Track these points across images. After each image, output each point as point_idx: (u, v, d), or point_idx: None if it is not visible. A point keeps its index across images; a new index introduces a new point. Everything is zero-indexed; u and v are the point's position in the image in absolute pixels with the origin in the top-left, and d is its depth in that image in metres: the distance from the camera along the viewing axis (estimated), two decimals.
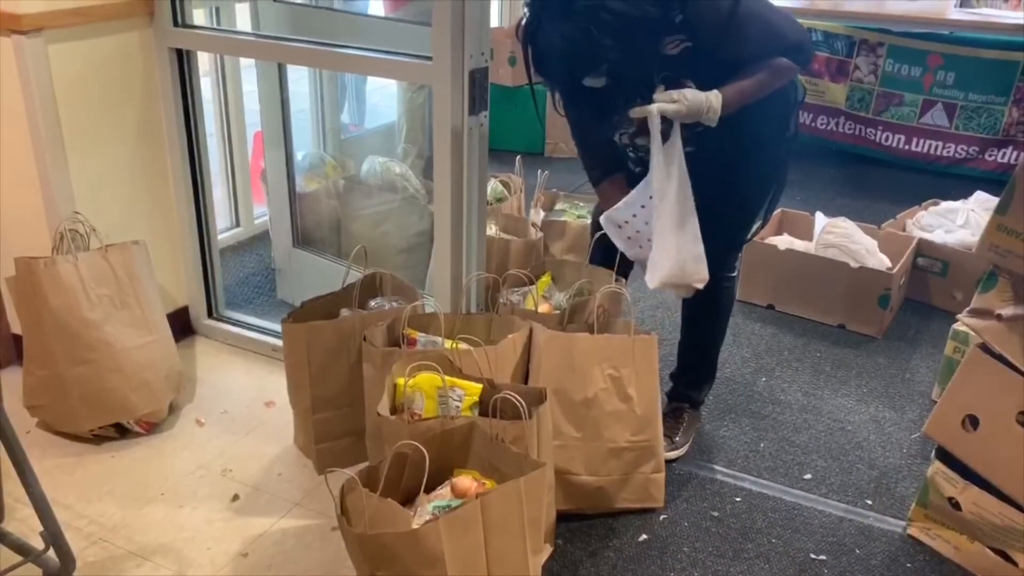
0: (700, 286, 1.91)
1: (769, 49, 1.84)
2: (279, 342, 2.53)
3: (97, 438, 2.14)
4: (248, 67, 3.30)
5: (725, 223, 2.10)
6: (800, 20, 2.01)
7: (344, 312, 2.08)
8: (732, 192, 2.03)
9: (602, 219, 2.02)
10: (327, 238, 2.84)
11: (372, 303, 2.12)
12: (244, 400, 2.35)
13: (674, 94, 1.79)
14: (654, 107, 1.78)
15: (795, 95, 2.02)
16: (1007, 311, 1.77)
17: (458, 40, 1.92)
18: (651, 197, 1.88)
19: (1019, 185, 1.65)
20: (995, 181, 4.08)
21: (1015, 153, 4.27)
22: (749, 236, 2.16)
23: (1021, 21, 3.92)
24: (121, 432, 2.16)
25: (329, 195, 2.83)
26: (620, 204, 1.95)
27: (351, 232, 2.78)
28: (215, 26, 2.89)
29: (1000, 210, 1.68)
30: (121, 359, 2.10)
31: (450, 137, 1.99)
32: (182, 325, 2.58)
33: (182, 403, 2.31)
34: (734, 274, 2.21)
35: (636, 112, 1.81)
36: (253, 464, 2.10)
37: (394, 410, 1.73)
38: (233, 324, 2.63)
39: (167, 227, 2.48)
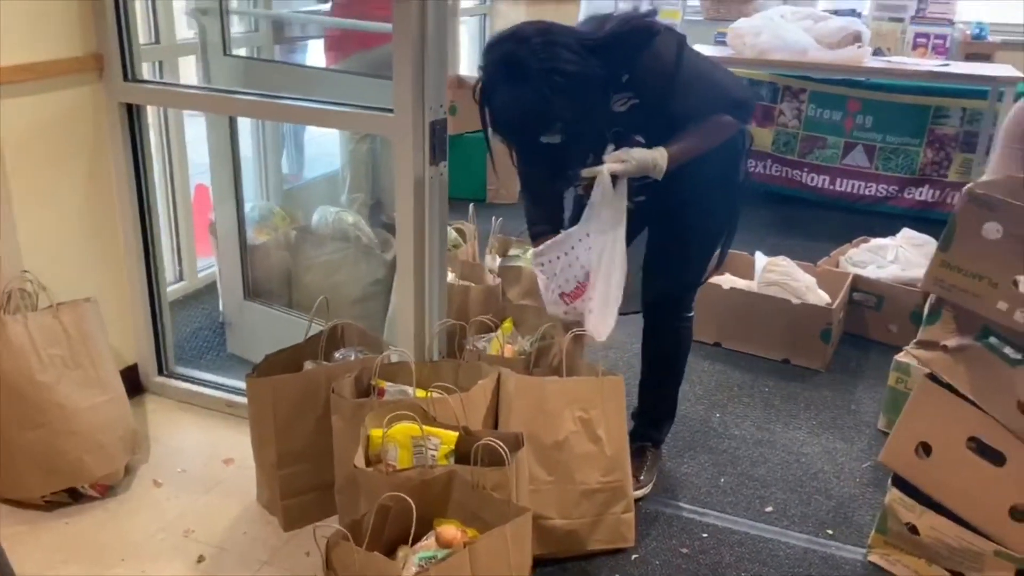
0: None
1: (712, 105, 1.93)
2: (234, 397, 2.49)
3: (49, 504, 2.05)
4: (191, 117, 3.28)
5: (681, 266, 2.18)
6: (729, 69, 2.12)
7: (308, 365, 2.06)
8: (687, 236, 2.11)
9: (531, 255, 2.07)
10: (278, 290, 2.81)
11: (337, 354, 2.11)
12: (201, 458, 2.29)
13: (622, 154, 1.88)
14: (604, 168, 1.88)
15: (743, 142, 2.11)
16: (952, 342, 1.87)
17: (418, 93, 1.95)
18: (580, 241, 1.96)
19: (960, 223, 1.75)
20: (915, 218, 4.31)
21: (932, 191, 4.52)
22: (705, 278, 2.23)
23: (931, 68, 4.18)
24: (74, 497, 2.08)
25: (280, 246, 2.81)
26: (550, 242, 2.02)
27: (304, 283, 2.76)
28: (158, 79, 2.86)
29: (943, 247, 1.79)
30: (74, 421, 2.03)
31: (412, 187, 2.01)
32: (131, 383, 2.50)
33: (137, 464, 2.24)
34: (691, 314, 2.27)
35: (587, 172, 1.88)
36: (216, 524, 2.05)
37: (368, 462, 1.72)
38: (184, 380, 2.57)
39: (116, 283, 2.42)
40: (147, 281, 2.46)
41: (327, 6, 3.65)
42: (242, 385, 2.50)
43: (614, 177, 1.88)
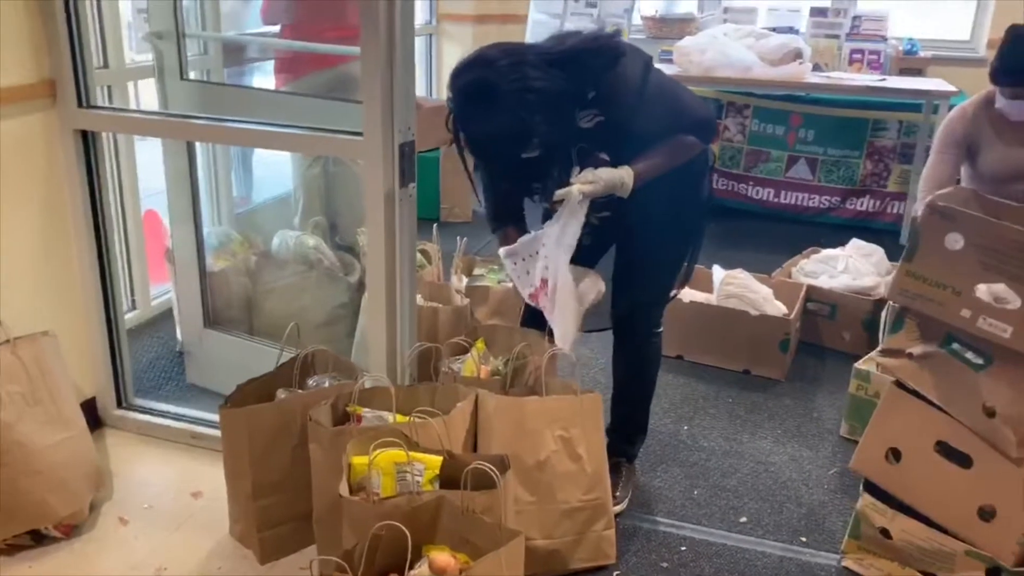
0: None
1: (676, 125, 1.98)
2: (197, 428, 2.44)
3: (10, 548, 1.97)
4: (142, 140, 3.21)
5: (649, 282, 2.21)
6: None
7: (281, 393, 2.03)
8: (653, 253, 2.15)
9: (501, 252, 2.12)
10: (239, 317, 2.76)
11: (310, 382, 2.07)
12: (168, 493, 2.23)
13: (589, 175, 1.91)
14: (574, 188, 1.90)
15: (706, 161, 2.15)
16: (917, 350, 1.93)
17: (387, 116, 1.95)
18: (543, 246, 2.01)
19: (923, 235, 1.82)
20: (857, 227, 4.45)
21: (872, 202, 4.67)
22: (672, 293, 2.26)
23: (869, 83, 4.33)
24: (37, 539, 2.00)
25: (239, 272, 2.76)
26: (519, 243, 2.07)
27: (266, 309, 2.72)
28: (109, 104, 2.79)
29: (907, 258, 1.85)
30: (36, 460, 1.96)
31: (382, 210, 2.00)
32: (90, 417, 2.41)
33: (101, 502, 2.16)
34: (660, 329, 2.30)
35: (559, 195, 1.91)
36: (189, 560, 1.99)
37: (350, 491, 1.69)
38: (145, 413, 2.50)
39: (72, 315, 2.35)
40: (104, 311, 2.39)
41: (276, 28, 3.60)
42: (206, 415, 2.46)
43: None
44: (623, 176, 1.91)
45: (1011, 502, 1.79)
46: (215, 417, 2.41)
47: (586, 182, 1.90)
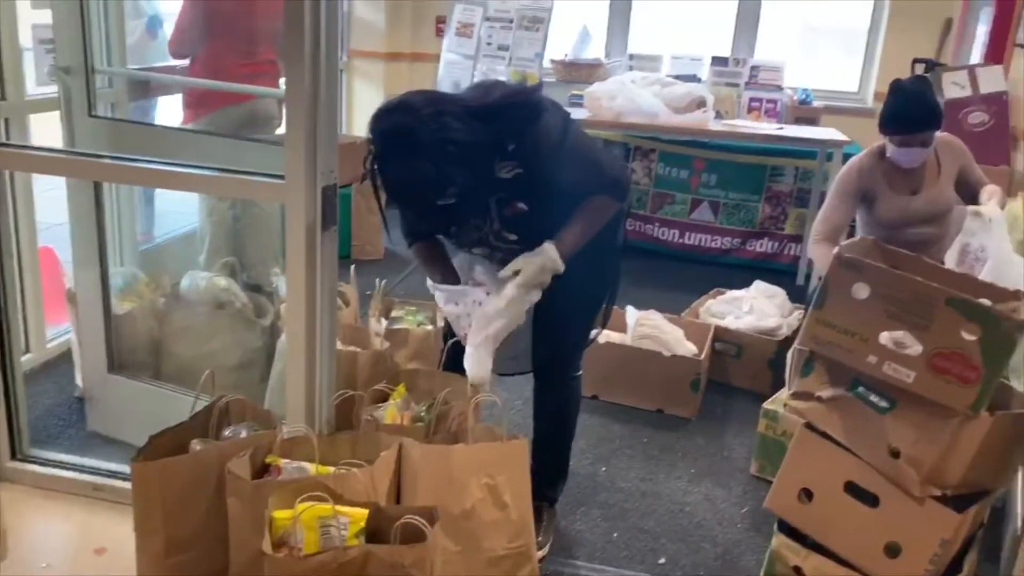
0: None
1: (592, 181, 2.03)
2: (100, 480, 2.32)
3: None
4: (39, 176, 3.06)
5: (569, 328, 2.25)
6: (585, 130, 2.25)
7: (195, 444, 1.95)
8: (572, 300, 2.18)
9: (429, 285, 2.13)
10: (145, 361, 2.65)
11: (226, 432, 2.00)
12: (68, 550, 2.11)
13: (520, 263, 1.97)
14: (510, 288, 1.97)
15: (621, 208, 2.21)
16: (826, 393, 2.01)
17: (311, 159, 1.92)
18: (473, 303, 2.03)
19: (831, 284, 1.91)
20: (757, 268, 4.64)
21: (771, 243, 4.87)
22: (592, 338, 2.30)
23: (767, 131, 4.54)
24: None
25: (146, 315, 2.65)
26: (451, 289, 2.08)
27: (174, 353, 2.62)
28: (8, 141, 2.66)
29: (818, 305, 1.93)
30: None
31: (304, 253, 1.97)
32: None
33: None
34: (579, 372, 2.33)
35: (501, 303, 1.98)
36: None
37: (271, 546, 1.64)
38: (42, 464, 2.36)
39: None
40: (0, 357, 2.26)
41: (185, 63, 3.52)
42: (109, 466, 2.35)
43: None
44: (553, 258, 1.98)
45: (915, 539, 1.87)
46: (119, 467, 2.32)
47: (518, 274, 1.97)
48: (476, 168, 1.87)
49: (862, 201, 2.88)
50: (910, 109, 2.71)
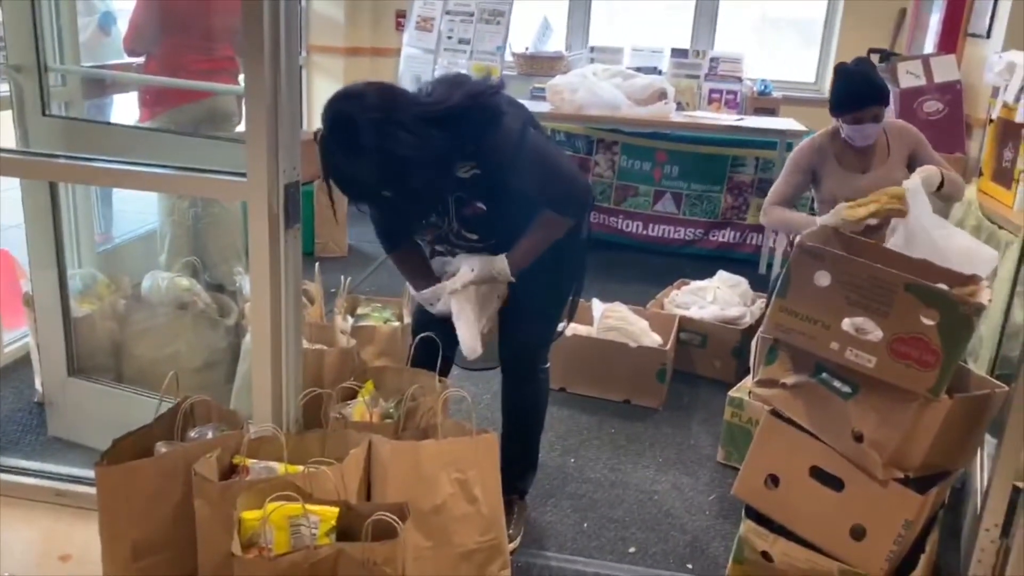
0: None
1: (543, 193, 2.03)
2: (62, 485, 2.28)
3: None
4: None
5: (535, 323, 2.26)
6: (547, 123, 2.25)
7: (161, 446, 1.92)
8: (538, 295, 2.19)
9: (411, 291, 2.17)
10: (107, 364, 2.61)
11: (192, 433, 1.98)
12: (31, 558, 2.07)
13: (465, 267, 2.05)
14: (447, 287, 2.06)
15: (585, 205, 2.22)
16: (790, 380, 2.04)
17: (272, 156, 1.90)
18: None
19: (793, 273, 1.93)
20: (720, 258, 4.67)
21: (733, 233, 4.92)
22: (559, 331, 2.31)
23: (728, 122, 4.58)
24: None
25: (106, 317, 2.61)
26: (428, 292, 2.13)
27: (136, 355, 2.58)
28: None
29: (781, 294, 1.96)
30: None
31: (267, 252, 1.94)
32: None
33: None
34: (547, 365, 2.34)
35: (438, 303, 2.09)
36: None
37: (241, 547, 1.62)
38: (3, 471, 2.31)
39: None
40: None
41: (140, 60, 3.46)
42: (72, 471, 2.31)
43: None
44: (500, 266, 2.04)
45: (879, 521, 1.91)
46: (82, 472, 2.28)
47: (463, 282, 2.04)
48: (426, 171, 1.87)
49: (812, 178, 2.96)
50: (857, 87, 2.80)
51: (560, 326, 2.33)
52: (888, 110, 2.99)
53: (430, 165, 1.86)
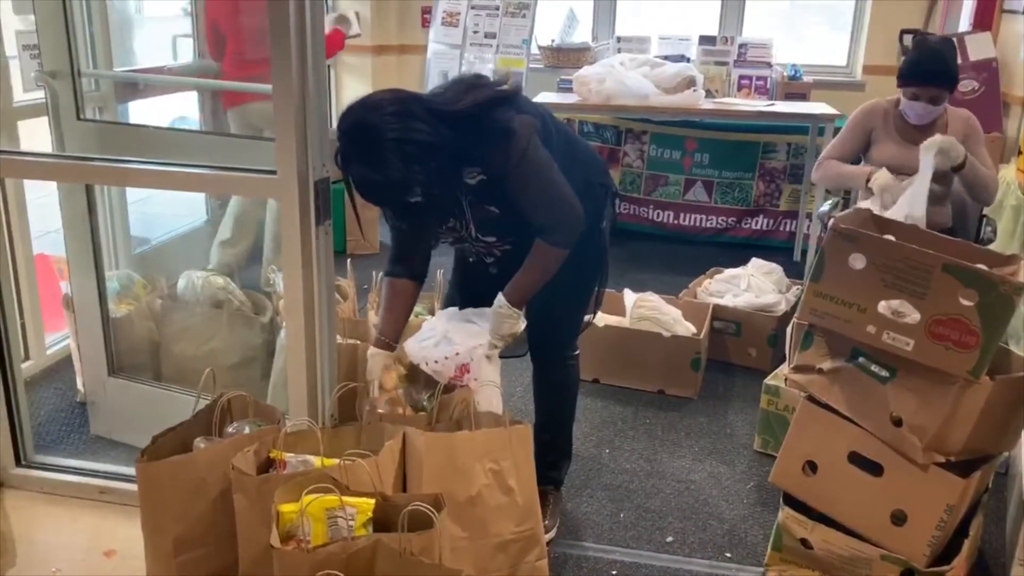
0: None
1: (537, 214, 1.99)
2: (106, 483, 2.32)
3: None
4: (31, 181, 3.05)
5: (562, 314, 2.25)
6: (574, 115, 2.20)
7: (199, 442, 1.95)
8: (563, 287, 2.16)
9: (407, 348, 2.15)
10: (145, 363, 2.65)
11: (229, 429, 2.00)
12: (77, 554, 2.11)
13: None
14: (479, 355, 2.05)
15: (603, 195, 2.21)
16: (826, 365, 2.02)
17: (302, 153, 1.92)
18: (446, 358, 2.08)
19: (828, 256, 1.91)
20: (753, 246, 4.63)
21: (766, 220, 4.87)
22: (587, 320, 2.30)
23: (759, 108, 4.52)
24: None
25: (144, 317, 2.65)
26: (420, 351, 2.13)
27: (174, 354, 2.62)
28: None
29: (815, 278, 1.94)
30: None
31: (299, 248, 1.96)
32: None
33: (4, 569, 2.03)
34: (576, 353, 2.34)
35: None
36: None
37: (280, 540, 1.64)
38: (47, 470, 2.36)
39: None
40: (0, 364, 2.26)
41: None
42: (114, 468, 2.35)
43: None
44: (501, 310, 2.02)
45: (920, 506, 1.88)
46: (124, 470, 2.32)
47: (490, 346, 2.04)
48: (441, 169, 1.87)
49: (867, 141, 2.95)
50: (925, 63, 2.78)
51: (586, 317, 2.32)
52: None
53: (443, 157, 1.86)
